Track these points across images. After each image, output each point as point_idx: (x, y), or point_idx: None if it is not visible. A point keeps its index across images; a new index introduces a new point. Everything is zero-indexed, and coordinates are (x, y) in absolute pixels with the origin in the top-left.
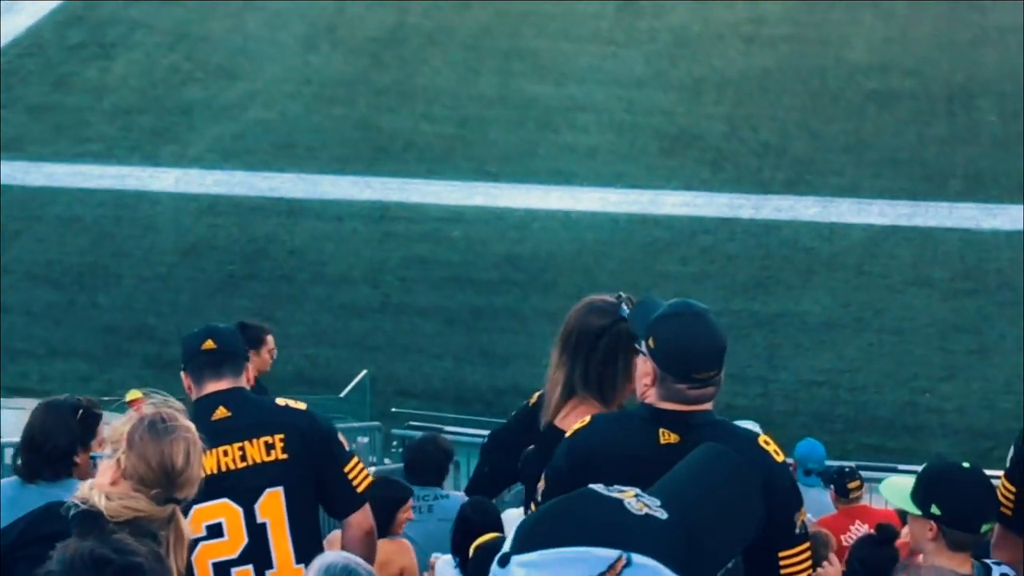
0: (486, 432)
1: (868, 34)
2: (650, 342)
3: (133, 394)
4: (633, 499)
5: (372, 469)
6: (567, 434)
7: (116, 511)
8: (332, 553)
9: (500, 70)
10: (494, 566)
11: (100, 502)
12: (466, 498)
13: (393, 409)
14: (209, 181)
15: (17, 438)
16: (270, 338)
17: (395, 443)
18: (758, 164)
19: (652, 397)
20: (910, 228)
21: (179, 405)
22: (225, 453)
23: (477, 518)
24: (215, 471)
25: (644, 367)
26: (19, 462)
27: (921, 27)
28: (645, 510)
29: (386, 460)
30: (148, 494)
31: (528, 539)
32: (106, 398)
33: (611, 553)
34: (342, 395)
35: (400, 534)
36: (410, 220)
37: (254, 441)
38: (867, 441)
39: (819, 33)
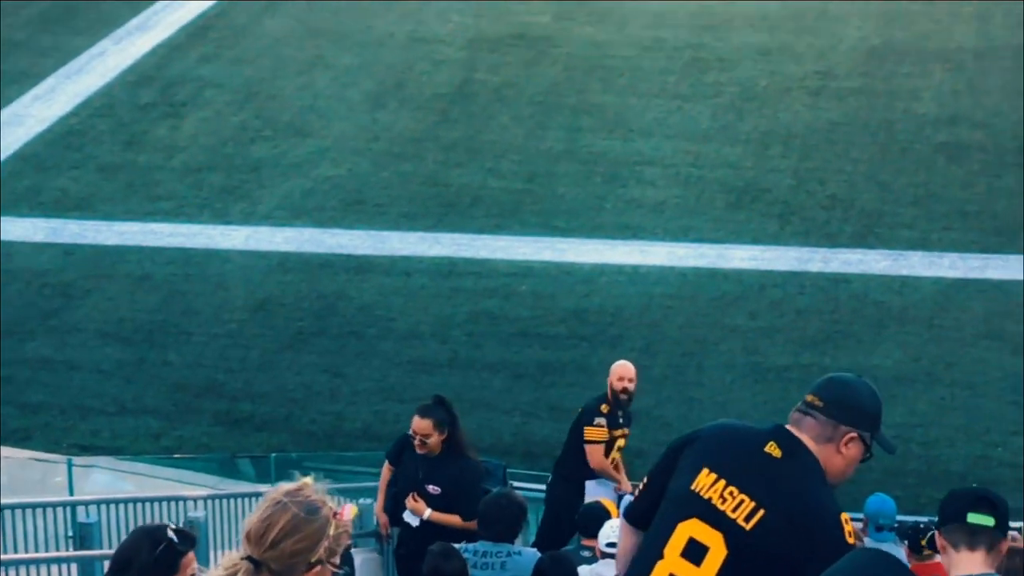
0: None
1: (937, 86)
2: None
3: (308, 479)
4: None
5: None
6: None
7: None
8: None
9: (567, 125)
10: None
11: None
12: (539, 554)
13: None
14: (279, 238)
15: (90, 496)
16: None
17: None
18: (826, 217)
19: None
20: (982, 281)
21: (320, 494)
22: None
23: (555, 572)
24: None
25: None
26: None
27: (990, 79)
28: None
29: None
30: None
31: None
32: (177, 455)
33: None
34: None
35: None
36: (478, 275)
37: None
38: (939, 496)
39: (887, 86)
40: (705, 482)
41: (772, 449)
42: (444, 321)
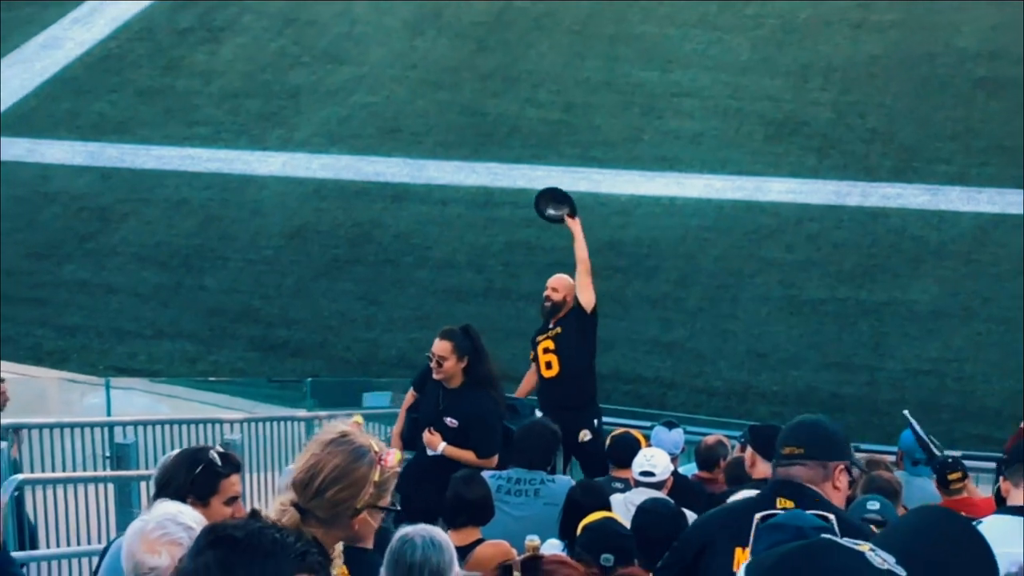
0: None
1: (977, 21)
2: None
3: (357, 418)
4: (871, 553)
5: None
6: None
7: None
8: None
9: (606, 55)
10: None
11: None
12: (572, 482)
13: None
14: (315, 165)
15: (127, 417)
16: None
17: None
18: (865, 151)
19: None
20: (1020, 216)
21: (370, 438)
22: None
23: (587, 501)
24: None
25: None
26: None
27: None
28: (886, 565)
29: None
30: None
31: None
32: (212, 379)
33: None
34: None
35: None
36: (515, 205)
37: None
38: (974, 431)
39: (928, 19)
40: (743, 559)
41: (784, 503)
42: (480, 250)
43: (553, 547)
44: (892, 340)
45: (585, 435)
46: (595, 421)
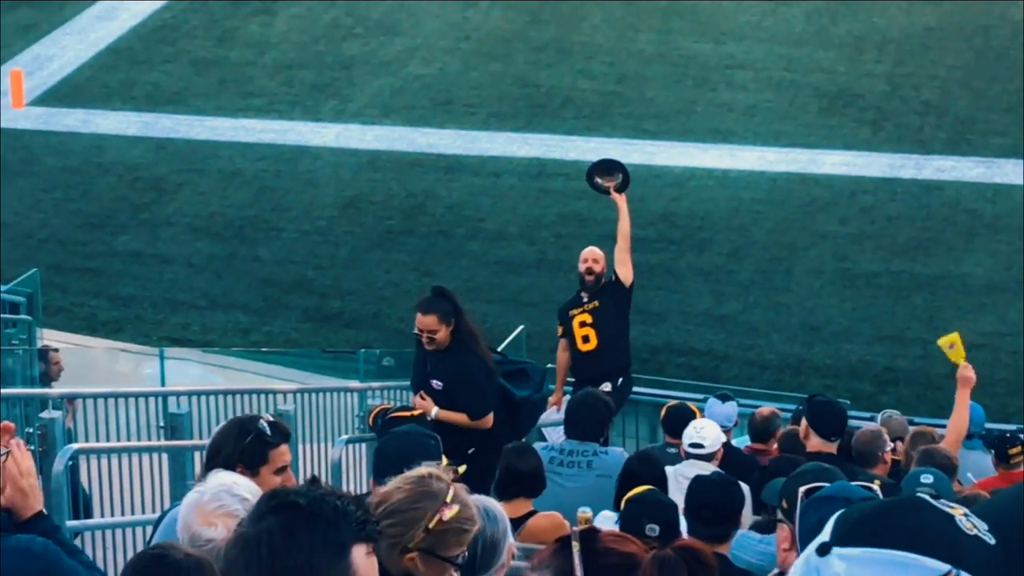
0: (639, 389)
1: None
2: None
3: (461, 469)
4: (963, 517)
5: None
6: None
7: None
8: None
9: (659, 27)
10: (812, 554)
11: None
12: (625, 454)
13: (548, 365)
14: (369, 136)
15: (181, 388)
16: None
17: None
18: (919, 124)
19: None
20: None
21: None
22: None
23: (643, 471)
24: None
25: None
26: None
27: None
28: (975, 531)
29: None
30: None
31: (851, 534)
32: (265, 349)
33: (941, 566)
34: (498, 350)
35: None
36: (567, 177)
37: None
38: None
39: None
40: None
41: None
42: (533, 222)
43: (607, 519)
44: (946, 313)
45: (605, 387)
46: (619, 379)
